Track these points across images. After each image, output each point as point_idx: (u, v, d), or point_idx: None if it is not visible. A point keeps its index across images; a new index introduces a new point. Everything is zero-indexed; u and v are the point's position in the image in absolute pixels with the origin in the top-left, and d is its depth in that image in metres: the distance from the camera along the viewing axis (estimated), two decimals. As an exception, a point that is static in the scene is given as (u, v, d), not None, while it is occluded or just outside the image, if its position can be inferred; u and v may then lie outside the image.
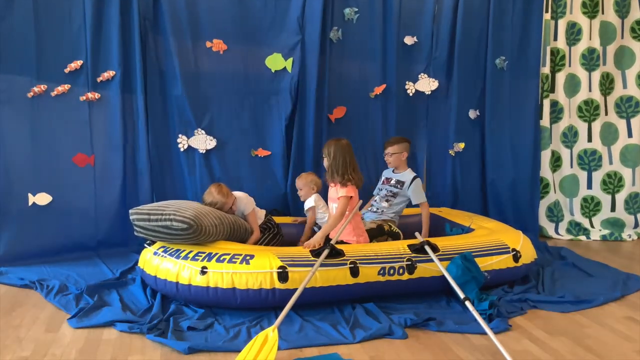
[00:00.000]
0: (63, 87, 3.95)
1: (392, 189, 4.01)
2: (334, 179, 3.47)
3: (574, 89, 5.06)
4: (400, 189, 3.99)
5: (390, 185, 4.05)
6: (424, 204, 3.96)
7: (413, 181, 3.96)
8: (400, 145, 4.03)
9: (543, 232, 5.01)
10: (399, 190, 3.99)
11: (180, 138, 4.28)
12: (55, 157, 3.97)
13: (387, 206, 3.98)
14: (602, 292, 3.30)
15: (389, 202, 3.99)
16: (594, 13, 4.99)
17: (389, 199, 3.99)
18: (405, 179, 3.99)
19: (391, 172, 4.13)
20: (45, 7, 3.86)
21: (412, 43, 4.68)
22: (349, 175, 3.43)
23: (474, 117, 4.91)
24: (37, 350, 2.49)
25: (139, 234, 3.17)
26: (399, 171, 4.08)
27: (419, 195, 3.96)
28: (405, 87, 4.73)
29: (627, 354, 2.55)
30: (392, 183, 4.05)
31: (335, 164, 3.46)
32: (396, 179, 4.04)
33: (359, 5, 4.52)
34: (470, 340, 2.66)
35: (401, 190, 3.98)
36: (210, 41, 4.25)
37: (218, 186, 3.58)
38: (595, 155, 5.10)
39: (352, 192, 3.43)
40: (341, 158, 3.45)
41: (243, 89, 4.37)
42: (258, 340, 2.32)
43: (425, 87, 4.76)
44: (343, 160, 3.45)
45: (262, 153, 4.45)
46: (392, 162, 4.07)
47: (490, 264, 3.25)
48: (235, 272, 2.84)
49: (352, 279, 2.97)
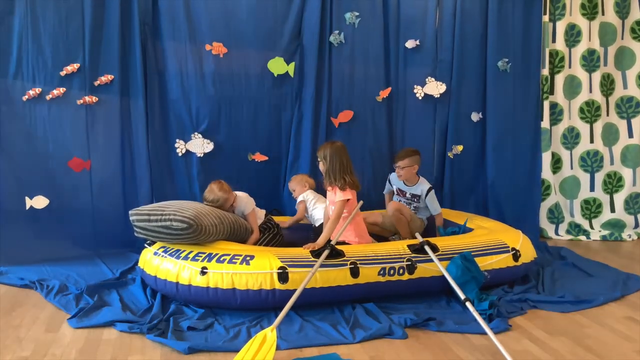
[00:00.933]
0: (59, 91, 3.94)
1: (411, 202, 4.04)
2: (332, 183, 3.46)
3: (574, 91, 5.06)
4: (418, 202, 4.03)
5: (406, 199, 4.06)
6: (439, 215, 4.03)
7: (428, 193, 3.98)
8: (412, 158, 3.99)
9: (543, 234, 5.01)
10: (418, 203, 4.03)
11: (178, 142, 4.28)
12: (52, 160, 3.98)
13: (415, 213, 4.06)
14: (602, 292, 3.30)
15: (415, 211, 4.05)
16: (593, 14, 5.00)
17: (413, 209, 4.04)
18: (419, 192, 4.01)
19: (402, 183, 4.09)
20: (43, 10, 3.86)
21: (413, 46, 4.68)
22: (348, 177, 3.42)
23: (477, 119, 4.91)
24: (37, 350, 2.49)
25: (139, 235, 3.17)
26: (410, 184, 4.05)
27: (436, 206, 4.01)
28: (414, 91, 4.73)
29: (627, 354, 2.55)
30: (408, 197, 4.06)
31: (332, 167, 3.44)
32: (411, 193, 4.04)
33: (360, 9, 4.52)
34: (470, 340, 2.66)
35: (419, 203, 4.03)
36: (210, 44, 4.25)
37: (219, 183, 3.58)
38: (597, 156, 5.10)
39: (349, 194, 3.42)
40: (337, 161, 3.44)
41: (242, 92, 4.36)
42: (256, 340, 2.32)
43: (433, 90, 4.76)
44: (340, 163, 3.44)
45: (259, 158, 4.45)
46: (403, 176, 4.02)
47: (490, 264, 3.25)
48: (235, 273, 2.84)
49: (352, 279, 2.97)
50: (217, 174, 4.30)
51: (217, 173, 4.32)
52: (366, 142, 4.63)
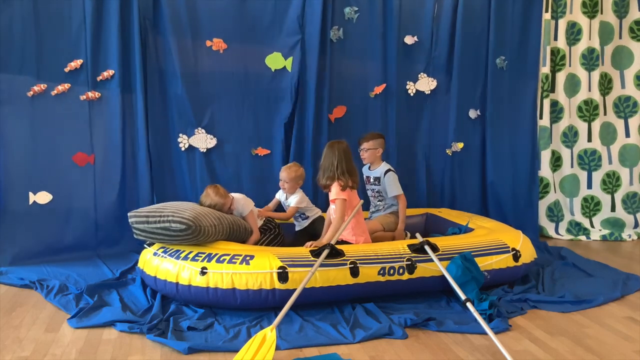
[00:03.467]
0: (63, 87, 3.96)
1: (375, 187, 4.03)
2: (319, 181, 3.48)
3: (574, 89, 5.06)
4: (379, 185, 3.99)
5: (371, 184, 4.06)
6: (400, 196, 3.93)
7: (386, 174, 3.95)
8: (376, 141, 4.04)
9: (543, 232, 5.01)
10: (380, 186, 4.00)
11: (181, 137, 4.28)
12: (56, 156, 3.99)
13: (383, 205, 3.99)
14: (602, 292, 3.30)
15: (381, 201, 4.01)
16: (593, 13, 4.99)
17: (380, 198, 4.01)
18: (379, 175, 4.01)
19: (367, 169, 4.13)
20: (46, 6, 3.86)
21: (412, 43, 4.68)
22: (338, 177, 3.39)
23: (475, 116, 4.91)
24: (37, 350, 2.49)
25: (138, 237, 3.17)
26: (374, 167, 4.08)
27: (392, 187, 3.92)
28: (406, 87, 4.73)
29: (627, 354, 2.55)
30: (372, 181, 4.06)
31: (323, 164, 3.47)
32: (374, 177, 4.06)
33: (359, 4, 4.52)
34: (470, 340, 2.66)
35: (381, 186, 3.99)
36: (210, 40, 4.25)
37: (215, 187, 3.56)
38: (595, 155, 5.10)
39: (342, 194, 3.39)
40: (329, 160, 3.45)
41: (243, 87, 4.36)
42: (256, 340, 2.32)
43: (425, 86, 4.76)
44: (331, 162, 3.43)
45: (261, 152, 4.45)
46: (367, 158, 4.07)
47: (490, 264, 3.25)
48: (235, 273, 2.84)
49: (352, 279, 2.97)
50: (219, 170, 4.33)
51: (219, 169, 4.33)
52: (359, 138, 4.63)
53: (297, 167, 3.91)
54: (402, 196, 3.95)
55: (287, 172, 3.85)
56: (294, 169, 3.87)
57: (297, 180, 3.86)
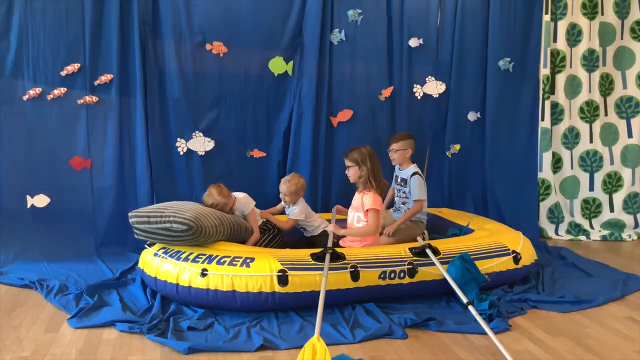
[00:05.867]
0: (59, 90, 3.95)
1: (401, 188, 3.99)
2: (366, 187, 3.42)
3: (575, 90, 5.05)
4: (405, 186, 3.96)
5: (398, 184, 4.03)
6: (417, 201, 3.83)
7: (412, 177, 3.87)
8: (405, 142, 3.97)
9: (543, 234, 5.00)
10: (406, 188, 3.95)
11: (179, 142, 4.28)
12: (53, 159, 3.99)
13: (406, 208, 3.93)
14: (602, 292, 3.30)
15: (404, 203, 3.96)
16: (593, 14, 4.99)
17: (404, 200, 3.97)
18: (407, 176, 3.94)
19: (398, 168, 4.08)
20: (43, 10, 3.86)
21: (417, 45, 4.68)
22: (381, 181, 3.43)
23: (474, 119, 4.91)
24: (37, 350, 2.49)
25: (139, 237, 3.17)
26: (403, 168, 4.02)
27: (415, 191, 3.84)
28: (414, 90, 4.73)
29: (627, 354, 2.55)
30: (399, 181, 4.02)
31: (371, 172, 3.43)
32: (401, 177, 4.00)
33: (362, 7, 4.51)
34: (470, 340, 2.66)
35: (407, 188, 3.94)
36: (210, 44, 4.25)
37: (218, 187, 3.55)
38: (596, 156, 5.10)
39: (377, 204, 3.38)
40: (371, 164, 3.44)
41: (242, 91, 4.36)
42: (307, 353, 2.21)
43: (433, 90, 4.76)
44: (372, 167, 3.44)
45: (257, 154, 4.45)
46: (396, 159, 4.00)
47: (490, 267, 3.24)
48: (236, 275, 2.83)
49: (353, 283, 2.96)
50: (217, 172, 4.32)
51: (217, 171, 4.33)
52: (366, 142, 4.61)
53: (298, 179, 3.80)
54: (420, 202, 3.84)
55: (287, 186, 3.76)
56: (293, 182, 3.76)
57: (297, 192, 3.79)
